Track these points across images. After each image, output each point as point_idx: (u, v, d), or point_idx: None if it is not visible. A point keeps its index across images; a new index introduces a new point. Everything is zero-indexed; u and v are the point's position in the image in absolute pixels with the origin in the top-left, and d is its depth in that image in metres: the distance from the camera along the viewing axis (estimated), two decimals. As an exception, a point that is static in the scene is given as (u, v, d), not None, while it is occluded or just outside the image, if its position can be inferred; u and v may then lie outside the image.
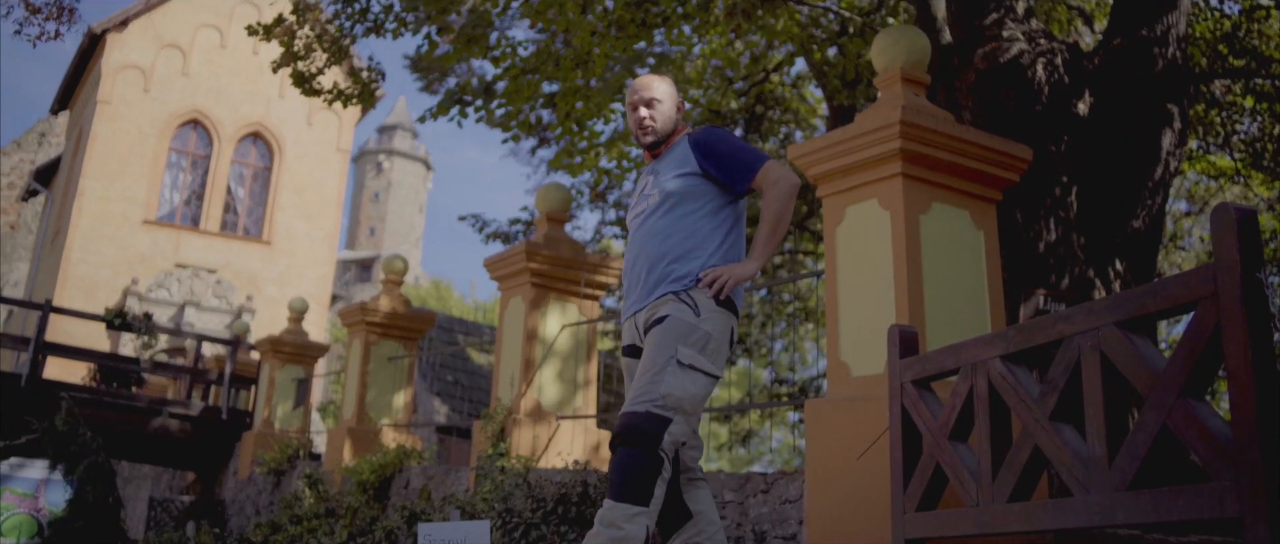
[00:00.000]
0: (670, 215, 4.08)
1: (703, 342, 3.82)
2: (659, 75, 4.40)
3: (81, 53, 28.26)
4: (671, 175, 4.14)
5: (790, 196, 4.05)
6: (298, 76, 12.61)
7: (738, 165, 4.09)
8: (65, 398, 12.35)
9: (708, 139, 4.16)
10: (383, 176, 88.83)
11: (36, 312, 16.40)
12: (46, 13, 12.16)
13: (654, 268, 4.01)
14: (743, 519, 5.89)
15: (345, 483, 10.81)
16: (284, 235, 27.24)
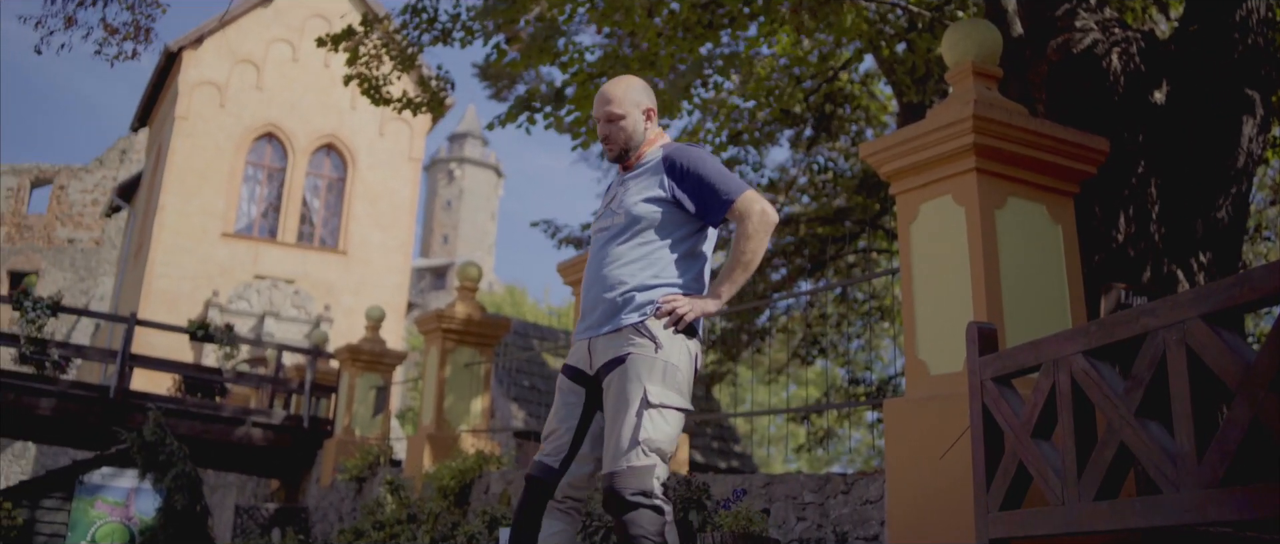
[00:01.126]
0: (633, 241, 3.86)
1: (668, 375, 3.65)
2: (626, 79, 4.12)
3: (159, 71, 28.80)
4: (640, 197, 3.88)
5: (766, 231, 3.81)
6: (367, 87, 12.76)
7: (712, 194, 3.82)
8: (152, 408, 12.58)
9: (682, 161, 3.88)
10: (454, 184, 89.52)
11: (122, 325, 16.74)
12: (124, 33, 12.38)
13: (612, 293, 3.80)
14: (823, 520, 5.87)
15: (426, 489, 10.91)
16: (359, 245, 27.56)
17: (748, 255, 3.78)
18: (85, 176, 39.70)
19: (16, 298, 15.09)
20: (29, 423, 15.53)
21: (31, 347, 14.87)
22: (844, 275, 17.16)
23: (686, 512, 6.10)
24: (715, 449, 18.74)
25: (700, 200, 3.83)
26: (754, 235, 3.77)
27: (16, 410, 14.61)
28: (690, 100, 12.64)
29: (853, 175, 16.85)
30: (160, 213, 26.02)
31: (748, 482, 6.68)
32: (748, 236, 3.77)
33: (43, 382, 14.86)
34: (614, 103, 3.98)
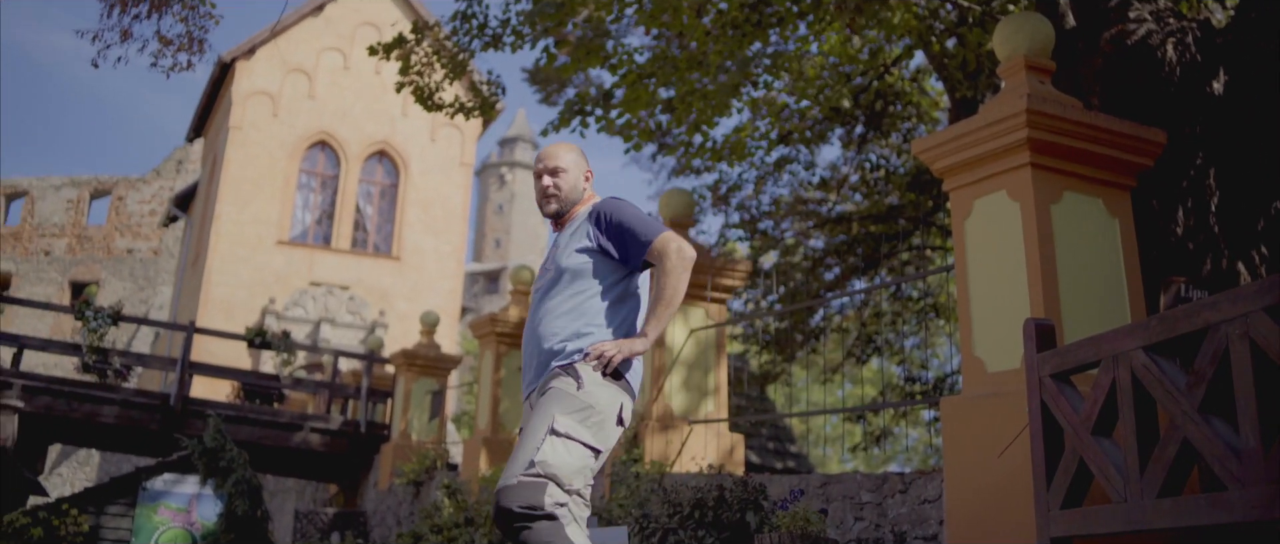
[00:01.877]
0: (563, 293, 3.95)
1: (583, 412, 3.67)
2: (567, 145, 4.25)
3: (213, 82, 29.15)
4: (569, 250, 4.00)
5: (684, 267, 3.86)
6: (419, 93, 12.83)
7: (631, 239, 3.92)
8: (212, 415, 12.74)
9: (605, 211, 4.00)
10: (506, 188, 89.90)
11: (181, 333, 16.96)
12: (179, 44, 12.52)
13: (544, 346, 3.89)
14: (881, 520, 5.84)
15: (483, 492, 10.96)
16: (412, 251, 27.75)
17: (668, 291, 3.82)
18: (143, 187, 40.26)
19: (78, 308, 15.34)
20: (92, 431, 15.78)
21: (94, 356, 15.11)
22: (898, 273, 17.05)
23: (743, 513, 6.09)
24: (771, 450, 18.68)
25: (621, 246, 3.93)
26: (672, 272, 3.82)
27: (80, 418, 14.85)
28: (739, 100, 12.61)
29: (905, 172, 16.74)
30: (216, 222, 26.33)
31: (804, 482, 6.66)
32: (666, 273, 3.83)
33: (105, 390, 15.09)
34: (557, 158, 4.14)
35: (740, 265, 9.14)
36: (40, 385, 14.75)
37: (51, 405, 14.65)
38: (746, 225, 17.66)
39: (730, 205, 17.57)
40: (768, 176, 17.25)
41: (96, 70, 11.05)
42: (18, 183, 41.05)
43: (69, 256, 39.50)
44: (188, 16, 12.43)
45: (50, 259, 39.49)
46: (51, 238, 39.93)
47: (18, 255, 39.60)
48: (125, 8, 12.19)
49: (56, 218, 40.14)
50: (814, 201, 17.88)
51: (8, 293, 34.73)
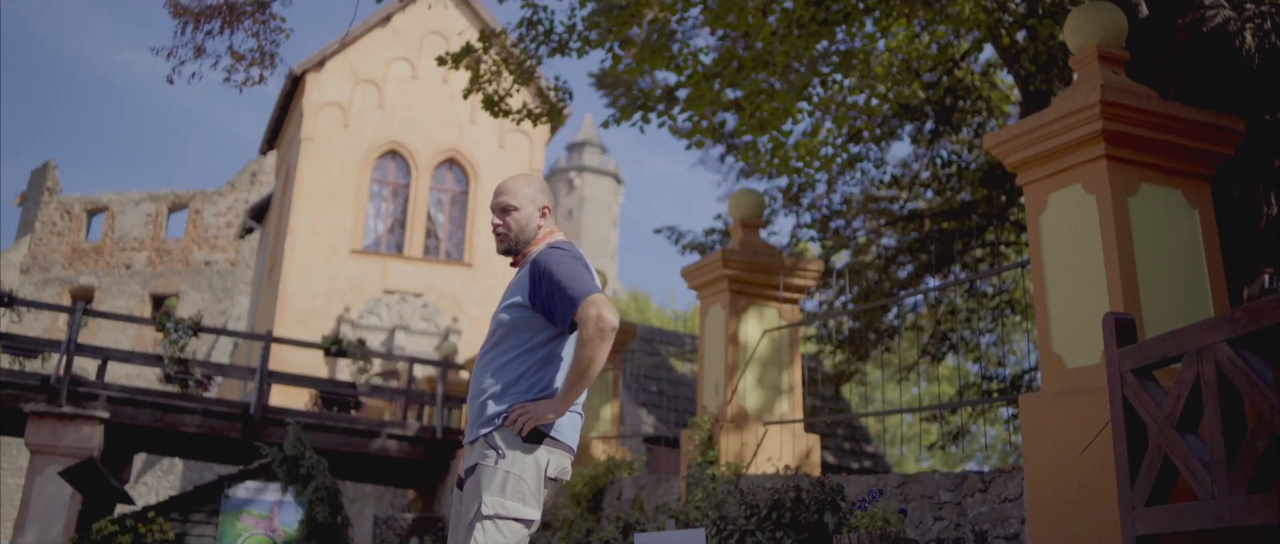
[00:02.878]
0: (497, 349, 3.94)
1: (504, 484, 3.72)
2: (526, 176, 4.16)
3: (284, 94, 29.55)
4: (506, 303, 3.97)
5: (600, 338, 3.76)
6: (487, 100, 12.92)
7: (561, 300, 3.83)
8: (291, 423, 12.93)
9: (542, 266, 3.91)
10: (575, 193, 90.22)
11: (259, 342, 17.22)
12: (251, 59, 12.73)
13: (475, 402, 3.92)
14: (961, 519, 5.78)
15: (559, 496, 11.01)
16: (484, 257, 27.92)
17: (582, 363, 3.76)
18: (218, 200, 40.94)
19: (160, 320, 15.63)
20: (175, 440, 16.07)
21: (175, 367, 15.39)
22: (972, 270, 16.86)
23: (821, 513, 6.06)
24: (847, 450, 18.57)
25: (550, 306, 3.86)
26: (588, 342, 3.75)
27: (163, 428, 15.13)
28: (808, 100, 12.55)
29: (977, 168, 16.57)
30: (291, 232, 26.69)
31: (882, 482, 6.61)
32: (583, 343, 3.76)
33: (187, 400, 15.37)
34: (508, 194, 4.05)
35: (812, 265, 9.10)
36: (124, 396, 15.05)
37: (135, 416, 14.95)
38: (818, 225, 17.57)
39: (801, 205, 17.49)
40: (838, 175, 17.15)
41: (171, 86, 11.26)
42: (98, 198, 41.94)
43: (149, 270, 40.27)
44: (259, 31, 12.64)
45: (131, 272, 40.28)
46: (132, 251, 40.73)
47: (100, 269, 40.45)
48: (198, 25, 12.42)
49: (136, 232, 40.94)
50: (885, 199, 17.75)
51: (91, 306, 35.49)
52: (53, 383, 14.54)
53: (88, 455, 14.06)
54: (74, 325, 15.23)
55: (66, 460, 13.98)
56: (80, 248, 41.13)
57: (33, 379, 14.75)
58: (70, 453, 14.19)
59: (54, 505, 14.04)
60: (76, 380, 14.94)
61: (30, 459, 14.54)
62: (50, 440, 14.34)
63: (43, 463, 14.26)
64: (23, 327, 37.18)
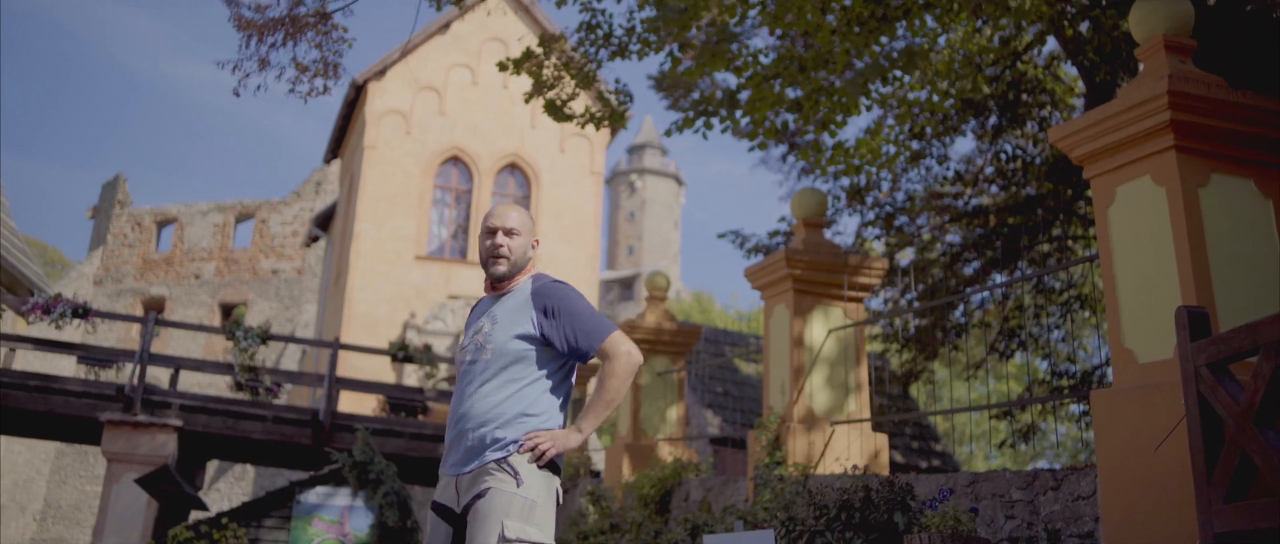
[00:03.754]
0: (500, 377, 3.96)
1: (527, 511, 3.77)
2: (517, 207, 4.28)
3: (347, 103, 29.87)
4: (509, 334, 4.00)
5: (632, 372, 3.94)
6: (549, 105, 12.97)
7: (583, 336, 3.95)
8: (360, 429, 13.05)
9: (551, 299, 4.02)
10: (636, 196, 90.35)
11: (327, 350, 17.42)
12: (314, 70, 12.89)
13: (478, 431, 3.90)
14: (1033, 518, 5.72)
15: (626, 498, 11.03)
16: (547, 260, 28.04)
17: (611, 393, 3.92)
18: (284, 209, 41.46)
19: (229, 329, 15.86)
20: (246, 447, 16.30)
21: (245, 374, 15.61)
22: (1039, 265, 16.66)
23: (891, 513, 6.02)
24: (915, 449, 18.43)
25: (571, 341, 3.96)
26: (618, 375, 3.91)
27: (235, 435, 15.35)
28: (869, 98, 12.48)
29: (1042, 162, 16.38)
30: (356, 240, 26.96)
31: (952, 481, 6.56)
32: (613, 375, 3.92)
33: (257, 407, 15.58)
34: (508, 219, 4.17)
35: (876, 263, 9.04)
36: (196, 404, 15.29)
37: (208, 423, 15.18)
38: (882, 223, 17.45)
39: (865, 203, 17.38)
40: (902, 172, 17.02)
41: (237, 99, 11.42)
42: (167, 210, 42.63)
43: (218, 279, 40.87)
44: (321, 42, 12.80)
45: (200, 282, 40.90)
46: (201, 262, 41.36)
47: (170, 280, 41.11)
48: (262, 37, 12.60)
49: (204, 242, 41.57)
50: (949, 196, 17.59)
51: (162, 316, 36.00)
52: (127, 392, 14.80)
53: (162, 463, 14.30)
54: (146, 335, 15.49)
55: (142, 468, 14.24)
56: (151, 259, 41.84)
57: (108, 388, 15.03)
58: (145, 460, 14.45)
59: (131, 512, 14.30)
60: (150, 389, 15.21)
61: (107, 467, 14.82)
62: (126, 448, 14.61)
63: (119, 470, 14.53)
64: (97, 337, 37.91)
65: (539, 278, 4.17)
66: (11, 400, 14.97)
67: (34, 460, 36.17)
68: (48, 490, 36.70)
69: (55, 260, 54.98)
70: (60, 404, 15.04)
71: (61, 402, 15.03)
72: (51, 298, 15.94)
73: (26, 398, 14.99)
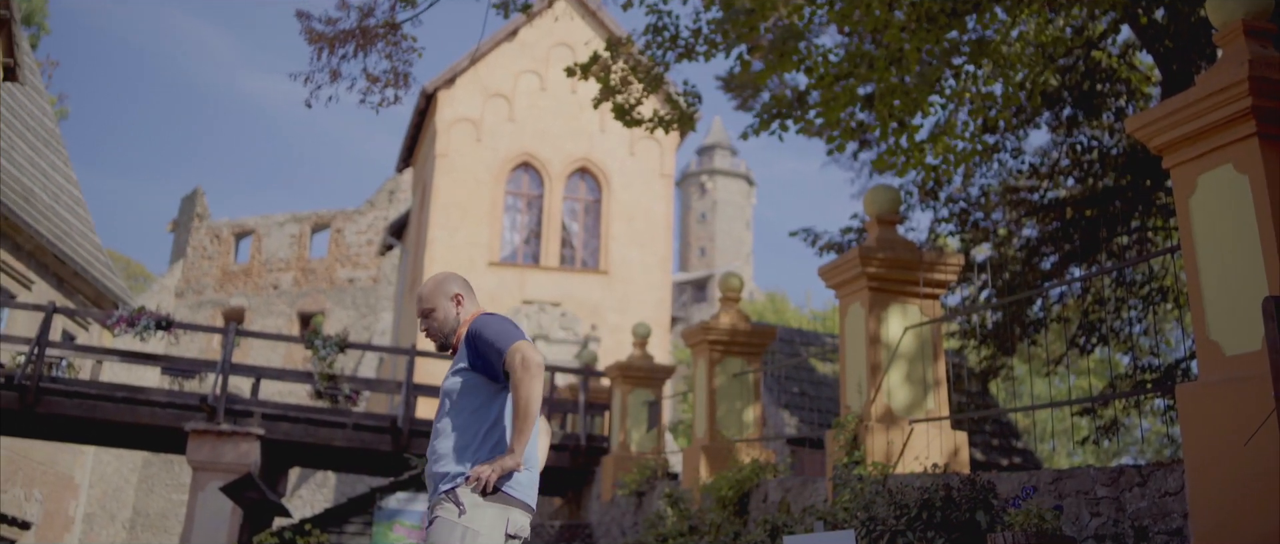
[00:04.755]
0: (448, 415, 4.27)
1: (465, 538, 4.01)
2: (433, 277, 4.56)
3: (417, 113, 30.17)
4: (450, 372, 4.33)
5: (530, 376, 4.08)
6: (618, 110, 13.00)
7: (493, 355, 4.20)
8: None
9: (474, 330, 4.30)
10: (707, 197, 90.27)
11: (404, 356, 17.59)
12: (385, 81, 13.05)
13: (434, 466, 4.22)
14: (1119, 515, 5.63)
15: (705, 500, 11.02)
16: (619, 264, 28.11)
17: (521, 402, 4.08)
18: (358, 219, 41.97)
19: (308, 338, 16.08)
20: (327, 454, 16.52)
21: (325, 382, 15.82)
22: (1118, 258, 16.39)
23: (973, 512, 5.97)
24: (995, 446, 18.23)
25: (486, 361, 4.23)
26: (521, 382, 4.07)
27: (316, 442, 15.56)
28: (940, 93, 12.36)
29: (1119, 152, 16.12)
30: (430, 247, 27.23)
31: (1035, 478, 6.48)
32: (516, 385, 4.09)
33: (337, 414, 15.78)
34: (423, 300, 4.49)
35: (952, 259, 8.95)
36: (277, 412, 15.52)
37: (289, 431, 15.40)
38: (956, 218, 17.27)
39: (938, 199, 17.21)
40: (975, 167, 16.83)
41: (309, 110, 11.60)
42: (245, 222, 43.34)
43: (295, 289, 41.47)
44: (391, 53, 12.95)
45: (278, 292, 41.52)
46: (278, 272, 42.00)
47: (249, 291, 41.78)
48: (333, 50, 12.78)
49: (282, 253, 42.20)
50: (1025, 189, 17.36)
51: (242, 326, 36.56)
52: (210, 402, 15.06)
53: (246, 471, 14.52)
54: (227, 346, 15.76)
55: (226, 476, 14.48)
56: (230, 270, 42.56)
57: (191, 398, 15.31)
58: (229, 468, 14.69)
59: (217, 519, 14.55)
60: (232, 398, 15.47)
61: (192, 475, 15.09)
62: (210, 457, 14.87)
63: (204, 479, 14.79)
64: (180, 348, 38.64)
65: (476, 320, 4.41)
66: (101, 412, 15.30)
67: (122, 470, 36.95)
68: (136, 499, 37.47)
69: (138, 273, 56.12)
70: (146, 415, 15.35)
71: (148, 412, 15.34)
72: (135, 311, 16.27)
73: (115, 409, 15.32)
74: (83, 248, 22.41)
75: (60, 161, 23.84)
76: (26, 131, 22.39)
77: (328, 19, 12.73)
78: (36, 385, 14.99)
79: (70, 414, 15.33)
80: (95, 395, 15.41)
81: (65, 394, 15.35)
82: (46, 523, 21.31)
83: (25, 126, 22.40)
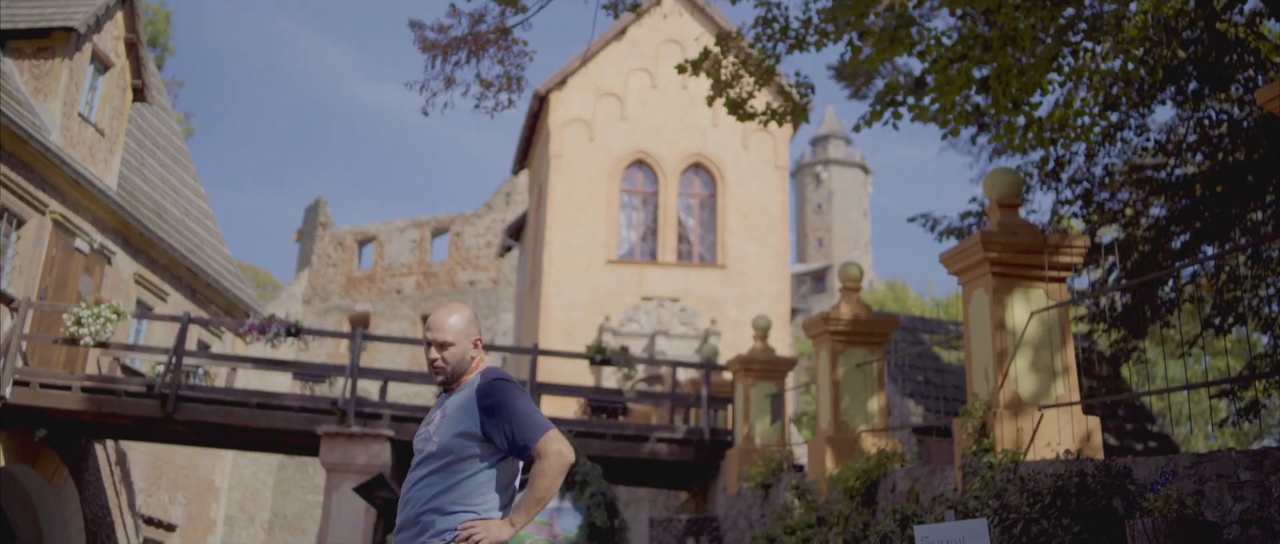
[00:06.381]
0: (444, 471, 4.24)
1: None
2: (457, 310, 4.48)
3: (530, 115, 30.49)
4: (453, 430, 4.27)
5: (560, 472, 4.16)
6: (731, 104, 12.98)
7: (518, 435, 4.20)
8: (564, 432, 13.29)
9: (493, 398, 4.26)
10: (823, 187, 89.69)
11: (527, 356, 17.82)
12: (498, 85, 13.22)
13: (420, 518, 4.22)
14: (1264, 500, 5.47)
15: (831, 491, 10.97)
16: (737, 257, 28.07)
17: (540, 491, 4.15)
18: (476, 221, 42.58)
19: (431, 342, 16.36)
20: (456, 454, 16.76)
21: (451, 384, 16.09)
22: (1253, 234, 15.88)
23: (1109, 498, 5.86)
24: (1129, 431, 17.81)
25: (508, 438, 4.22)
26: (547, 474, 4.14)
27: (444, 444, 15.81)
28: (1058, 72, 12.11)
29: (1251, 125, 15.61)
30: (548, 247, 27.49)
31: (1173, 463, 6.33)
32: (543, 475, 4.14)
33: (464, 415, 16.03)
34: (445, 332, 4.39)
35: (1077, 242, 8.77)
36: (406, 414, 15.83)
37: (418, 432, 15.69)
38: (1080, 199, 16.88)
39: (1060, 181, 16.85)
40: (1098, 146, 16.43)
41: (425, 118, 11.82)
42: (367, 229, 44.25)
43: (418, 292, 42.23)
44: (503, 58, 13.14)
45: (402, 296, 42.32)
46: (401, 276, 42.81)
47: (373, 295, 42.66)
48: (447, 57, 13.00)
49: (404, 258, 43.00)
50: (1151, 167, 16.91)
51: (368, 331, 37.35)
52: (340, 405, 15.43)
53: (377, 471, 14.85)
54: (355, 350, 16.13)
55: (359, 477, 14.82)
56: (354, 276, 43.50)
57: (323, 402, 15.71)
58: (362, 470, 15.03)
59: (352, 519, 14.91)
60: (362, 401, 15.83)
61: (326, 477, 15.49)
62: (343, 459, 15.23)
63: (338, 480, 15.16)
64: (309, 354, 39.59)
65: (486, 375, 4.40)
66: (238, 418, 15.79)
67: (259, 473, 38.02)
68: (273, 500, 38.53)
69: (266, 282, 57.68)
70: (280, 419, 15.80)
71: (281, 417, 15.79)
72: (266, 319, 16.75)
73: (250, 415, 15.79)
74: (213, 259, 23.11)
75: (189, 177, 24.62)
76: (156, 150, 23.17)
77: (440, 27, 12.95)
78: (175, 393, 15.52)
79: (208, 420, 15.85)
80: (231, 401, 15.90)
81: (203, 401, 15.89)
82: (190, 525, 22.04)
83: (155, 145, 23.18)
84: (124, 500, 19.61)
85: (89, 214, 18.31)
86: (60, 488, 17.56)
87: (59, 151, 17.07)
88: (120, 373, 18.57)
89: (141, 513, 20.15)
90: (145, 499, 20.37)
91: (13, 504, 17.54)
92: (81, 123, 18.33)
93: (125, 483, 19.72)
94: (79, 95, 18.35)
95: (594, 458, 13.42)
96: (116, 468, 19.44)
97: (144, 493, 20.33)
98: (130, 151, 21.09)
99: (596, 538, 12.15)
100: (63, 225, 17.62)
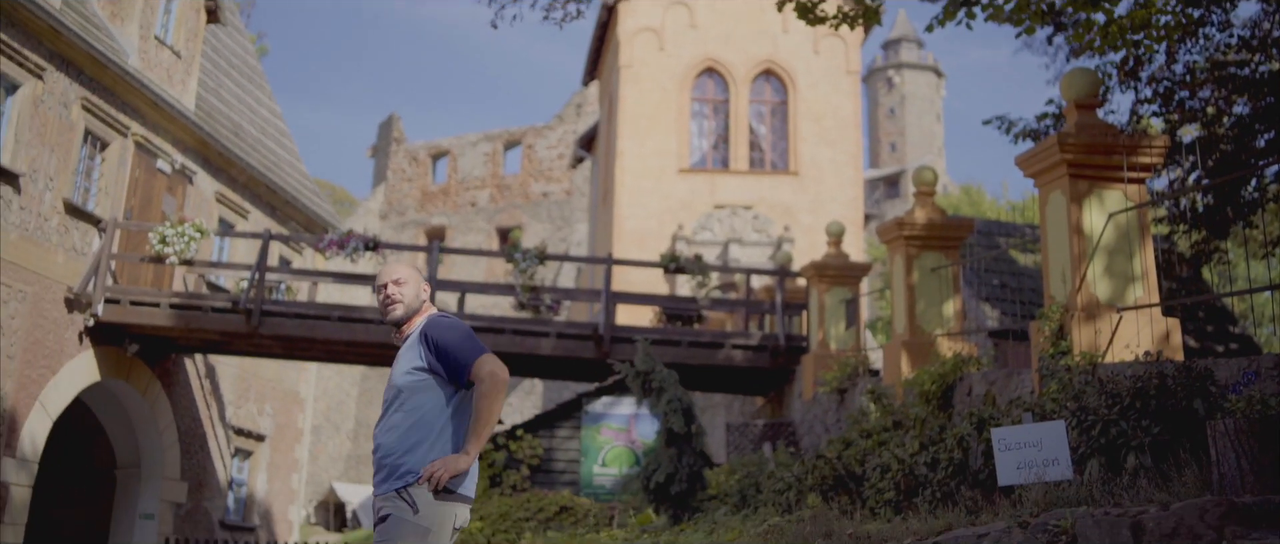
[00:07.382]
0: (401, 410, 4.43)
1: (419, 536, 4.21)
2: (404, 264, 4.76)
3: (599, 26, 30.34)
4: (404, 368, 4.50)
5: (496, 390, 4.33)
6: (801, 9, 12.84)
7: (455, 360, 4.40)
8: (640, 340, 13.43)
9: (434, 333, 4.50)
10: (895, 91, 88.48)
11: (602, 266, 17.96)
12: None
13: (385, 461, 4.38)
14: (1346, 396, 5.44)
15: (907, 395, 11.03)
16: (809, 164, 27.91)
17: (483, 413, 4.34)
18: (548, 134, 42.66)
19: (509, 251, 16.57)
20: (533, 362, 17.05)
21: (527, 294, 16.29)
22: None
23: (1190, 400, 5.86)
24: (1210, 333, 17.60)
25: (448, 366, 4.44)
26: (486, 395, 4.33)
27: (521, 352, 16.07)
28: (1140, -34, 11.81)
29: (1340, 18, 15.16)
30: (620, 158, 27.52)
31: (1255, 364, 6.31)
32: (481, 396, 4.34)
33: (540, 324, 16.25)
34: (399, 273, 4.73)
35: (1156, 142, 8.66)
36: (485, 325, 16.07)
37: (495, 342, 15.93)
38: (1160, 99, 16.54)
39: (1140, 80, 16.50)
40: (1179, 43, 16.03)
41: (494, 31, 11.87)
42: (440, 143, 44.54)
43: (492, 206, 42.54)
44: (573, -34, 13.09)
45: (476, 209, 42.67)
46: (475, 190, 43.12)
47: (448, 209, 43.05)
48: (515, -32, 12.98)
49: (477, 171, 43.28)
50: (1234, 64, 16.49)
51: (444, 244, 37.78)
52: (420, 316, 15.69)
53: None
54: (432, 263, 16.35)
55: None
56: (429, 191, 43.89)
57: (403, 316, 15.98)
58: (442, 381, 15.30)
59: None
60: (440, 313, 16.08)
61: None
62: (424, 370, 15.51)
63: (418, 394, 15.45)
64: (387, 268, 40.12)
65: (431, 317, 4.68)
66: (320, 331, 16.13)
67: (343, 385, 38.84)
68: (357, 410, 39.38)
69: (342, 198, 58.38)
70: (361, 332, 16.12)
71: (362, 329, 16.10)
72: (344, 234, 17.02)
73: (333, 328, 16.13)
74: (291, 177, 23.44)
75: (264, 96, 24.89)
76: (232, 69, 23.43)
77: (510, -63, 12.91)
78: (259, 308, 15.87)
79: (292, 334, 16.22)
80: (313, 315, 16.24)
81: (286, 315, 16.24)
82: (278, 435, 22.64)
83: (230, 65, 23.44)
84: (215, 412, 20.17)
85: (169, 135, 18.62)
86: (154, 401, 18.10)
87: (138, 75, 17.34)
88: (205, 289, 19.00)
89: (231, 424, 20.74)
90: (234, 411, 20.94)
91: (110, 417, 18.14)
92: (158, 46, 18.58)
93: (215, 395, 20.27)
94: (154, 19, 18.58)
95: (670, 365, 13.56)
96: (206, 381, 19.97)
97: (233, 405, 20.89)
98: (206, 72, 21.36)
99: (674, 443, 12.33)
100: (144, 147, 17.95)
